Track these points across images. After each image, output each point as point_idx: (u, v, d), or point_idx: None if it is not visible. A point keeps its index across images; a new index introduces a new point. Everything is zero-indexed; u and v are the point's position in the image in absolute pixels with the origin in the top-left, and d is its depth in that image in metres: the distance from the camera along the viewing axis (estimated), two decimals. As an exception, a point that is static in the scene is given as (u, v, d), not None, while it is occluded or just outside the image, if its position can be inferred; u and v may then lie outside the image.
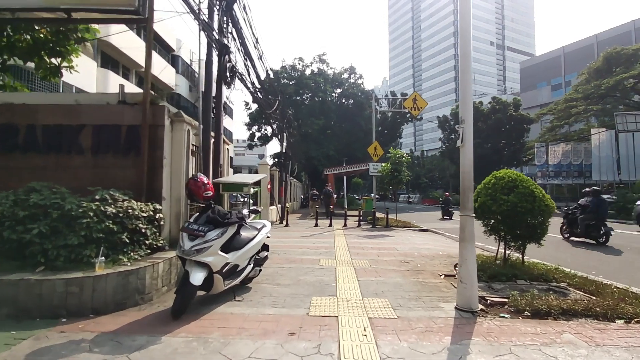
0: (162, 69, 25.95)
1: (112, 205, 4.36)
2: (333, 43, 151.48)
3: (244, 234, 4.63)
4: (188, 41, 48.77)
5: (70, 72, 6.81)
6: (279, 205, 16.01)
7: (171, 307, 3.76)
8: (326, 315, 3.83)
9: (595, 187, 11.62)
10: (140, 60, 23.69)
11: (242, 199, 6.70)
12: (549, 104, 41.03)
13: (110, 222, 4.20)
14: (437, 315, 3.88)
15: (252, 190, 6.93)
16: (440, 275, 5.76)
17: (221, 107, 7.59)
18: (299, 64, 35.88)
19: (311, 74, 35.24)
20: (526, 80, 74.99)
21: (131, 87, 22.34)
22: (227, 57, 7.17)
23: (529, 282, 5.17)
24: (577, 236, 10.33)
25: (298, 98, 35.50)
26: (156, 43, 26.55)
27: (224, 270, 4.09)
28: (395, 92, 45.82)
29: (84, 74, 14.64)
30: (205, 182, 4.36)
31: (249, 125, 37.45)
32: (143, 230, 4.65)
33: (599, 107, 29.35)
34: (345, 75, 37.30)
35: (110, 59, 21.61)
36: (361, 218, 17.00)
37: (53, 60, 6.56)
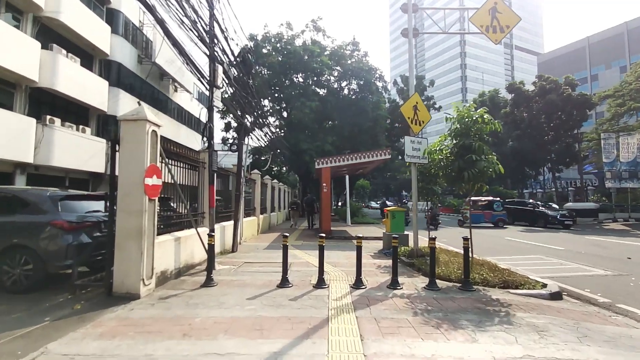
0: (83, 21, 17.60)
1: None
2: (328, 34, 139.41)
3: None
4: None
5: None
6: (209, 227, 7.46)
7: None
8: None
9: None
10: (40, -1, 15.36)
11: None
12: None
13: None
14: None
15: None
16: None
17: None
18: (287, 32, 27.61)
19: (303, 45, 27.00)
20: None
21: (22, 39, 14.07)
22: None
23: None
24: None
25: (286, 81, 27.15)
26: (72, -19, 18.27)
27: None
28: (407, 76, 37.40)
29: None
30: None
31: (223, 113, 29.07)
32: None
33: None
34: (348, 51, 29.03)
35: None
36: (385, 250, 8.69)
37: None
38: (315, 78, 27.36)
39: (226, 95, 22.30)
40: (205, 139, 6.86)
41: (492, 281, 5.66)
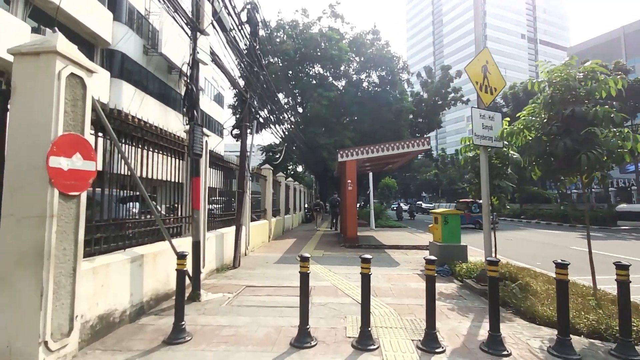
0: (82, 6, 15.95)
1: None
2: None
3: None
4: None
5: None
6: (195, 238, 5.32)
7: None
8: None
9: None
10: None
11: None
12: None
13: None
14: None
15: None
16: None
17: None
18: (302, 19, 25.55)
19: (320, 32, 24.88)
20: (575, 69, 63.38)
21: (7, 19, 12.41)
22: None
23: None
24: None
25: (301, 73, 25.06)
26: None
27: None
28: (431, 68, 34.73)
29: None
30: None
31: (235, 108, 27.27)
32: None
33: None
34: (367, 40, 26.67)
35: None
36: (437, 268, 6.42)
37: None
38: (332, 69, 25.17)
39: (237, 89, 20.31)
40: (185, 109, 4.70)
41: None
